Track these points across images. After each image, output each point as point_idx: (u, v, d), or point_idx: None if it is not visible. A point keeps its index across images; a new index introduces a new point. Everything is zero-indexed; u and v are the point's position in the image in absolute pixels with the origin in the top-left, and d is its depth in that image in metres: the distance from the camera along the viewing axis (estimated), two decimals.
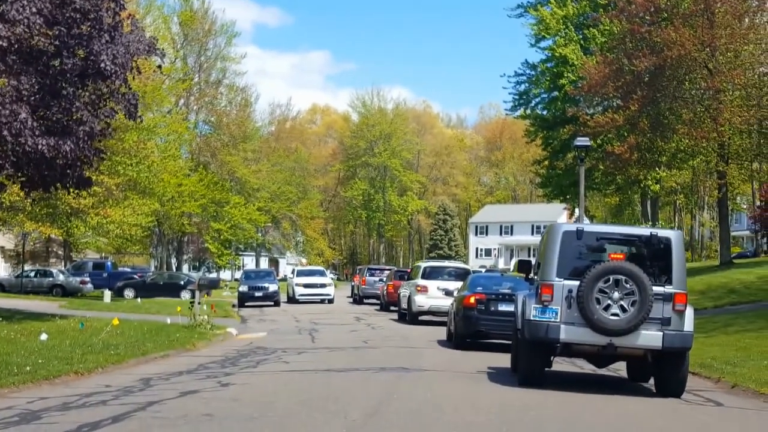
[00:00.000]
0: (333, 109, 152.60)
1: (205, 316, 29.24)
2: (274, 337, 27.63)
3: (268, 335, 29.08)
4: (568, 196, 64.83)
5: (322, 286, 51.74)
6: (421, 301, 33.46)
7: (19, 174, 27.48)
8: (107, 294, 48.43)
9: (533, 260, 17.10)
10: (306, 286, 51.45)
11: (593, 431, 10.62)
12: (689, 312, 14.00)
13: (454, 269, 36.11)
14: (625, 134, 43.04)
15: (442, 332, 27.80)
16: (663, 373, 14.39)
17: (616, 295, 13.50)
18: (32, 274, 58.84)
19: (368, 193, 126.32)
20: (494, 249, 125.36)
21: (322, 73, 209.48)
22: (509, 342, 21.07)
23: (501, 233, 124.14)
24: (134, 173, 49.44)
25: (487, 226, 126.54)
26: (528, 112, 65.68)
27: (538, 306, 13.96)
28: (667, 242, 14.13)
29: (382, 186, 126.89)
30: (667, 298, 13.69)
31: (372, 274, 53.91)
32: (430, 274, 34.87)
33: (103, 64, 26.29)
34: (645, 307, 13.41)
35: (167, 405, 11.09)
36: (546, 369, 15.20)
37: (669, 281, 13.87)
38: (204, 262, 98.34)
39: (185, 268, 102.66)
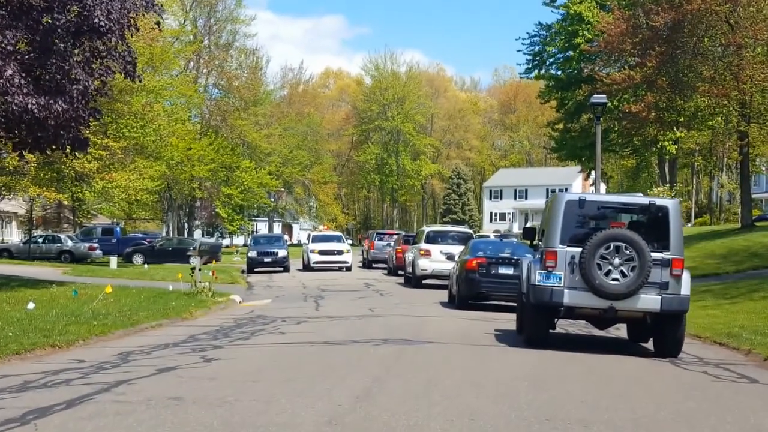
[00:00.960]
0: (346, 73, 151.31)
1: (207, 283, 28.22)
2: (277, 305, 26.70)
3: (272, 302, 28.21)
4: (582, 159, 63.38)
5: (339, 252, 48.30)
6: (425, 265, 34.30)
7: (11, 135, 26.35)
8: (113, 260, 47.52)
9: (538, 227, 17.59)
10: (321, 252, 48.37)
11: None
12: (686, 276, 14.54)
13: (457, 233, 36.80)
14: (643, 93, 41.54)
15: (445, 295, 28.38)
16: (661, 334, 15.01)
17: (616, 261, 14.17)
18: (40, 240, 57.97)
19: (381, 157, 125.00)
20: (509, 213, 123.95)
21: (336, 37, 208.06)
22: (509, 303, 23.85)
23: (515, 197, 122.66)
24: (140, 136, 48.36)
25: (501, 190, 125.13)
26: (542, 73, 64.08)
27: (542, 271, 14.65)
28: (665, 211, 14.73)
29: (396, 150, 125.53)
30: (665, 263, 14.30)
31: (381, 239, 53.06)
32: (434, 238, 35.49)
33: (96, 20, 25.07)
34: (644, 272, 14.04)
35: (136, 385, 9.96)
36: (550, 331, 15.95)
37: (667, 247, 14.44)
38: (217, 227, 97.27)
39: (197, 233, 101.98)
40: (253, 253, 49.26)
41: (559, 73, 62.28)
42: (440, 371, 11.69)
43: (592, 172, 68.45)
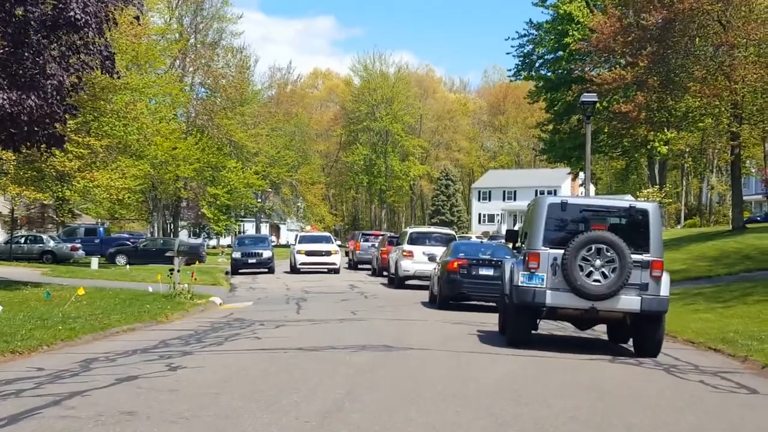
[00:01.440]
0: (335, 74, 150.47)
1: (186, 285, 27.48)
2: (258, 308, 26.01)
3: (253, 305, 27.55)
4: (572, 160, 62.71)
5: (327, 253, 46.21)
6: (407, 266, 34.78)
7: None
8: (95, 261, 46.72)
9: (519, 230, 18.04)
10: (309, 253, 46.26)
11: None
12: (665, 278, 14.92)
13: (440, 235, 37.24)
14: (633, 93, 40.88)
15: (427, 296, 28.88)
16: (641, 334, 15.33)
17: (597, 262, 14.52)
18: (22, 240, 57.10)
19: (370, 158, 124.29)
20: (497, 214, 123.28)
21: (327, 38, 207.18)
22: (488, 303, 24.72)
23: (504, 198, 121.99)
24: (123, 135, 47.46)
25: (490, 192, 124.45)
26: (532, 74, 63.36)
27: (525, 273, 14.97)
28: (644, 214, 15.11)
29: (384, 151, 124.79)
30: (645, 265, 14.68)
31: (366, 240, 52.31)
32: (416, 239, 35.92)
33: (72, 13, 24.21)
34: (624, 274, 14.39)
35: (90, 397, 9.21)
36: (533, 331, 16.21)
37: (647, 250, 14.82)
38: (203, 228, 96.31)
39: (184, 234, 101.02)
40: (237, 254, 48.44)
41: (548, 73, 61.55)
42: (419, 382, 10.95)
43: (581, 174, 67.90)
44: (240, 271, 47.12)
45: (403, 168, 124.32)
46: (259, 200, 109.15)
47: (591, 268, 14.49)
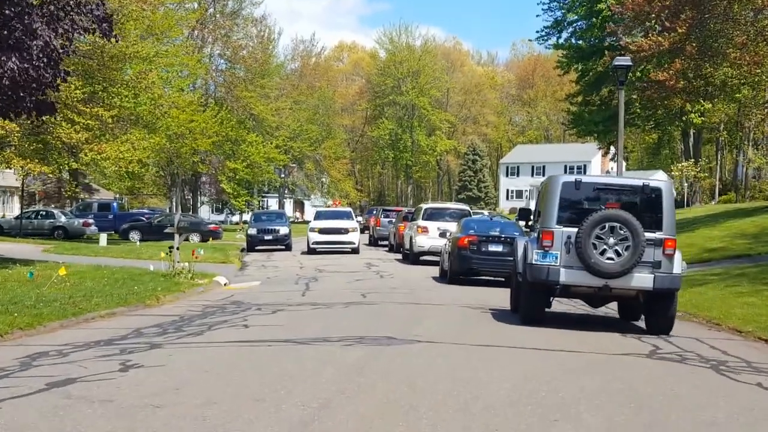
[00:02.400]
0: (360, 47, 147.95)
1: (186, 264, 25.62)
2: (264, 288, 24.27)
3: (260, 285, 25.83)
4: (601, 134, 60.30)
5: (344, 231, 41.51)
6: (422, 242, 34.52)
7: None
8: (103, 237, 45.01)
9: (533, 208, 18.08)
10: (323, 231, 41.79)
11: None
12: (678, 256, 15.00)
13: (455, 211, 36.97)
14: (668, 61, 38.48)
15: None
16: (654, 312, 15.31)
17: (611, 240, 14.56)
18: (33, 215, 55.61)
19: (395, 132, 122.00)
20: (525, 190, 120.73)
21: (354, 13, 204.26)
22: (499, 279, 25.53)
23: (533, 174, 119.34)
24: (133, 105, 45.69)
25: (518, 167, 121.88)
26: (560, 41, 60.82)
27: (539, 251, 15.02)
28: (658, 192, 15.18)
29: (410, 125, 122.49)
30: (658, 243, 14.73)
31: (387, 216, 50.23)
32: (431, 215, 35.81)
33: None
34: (638, 252, 14.43)
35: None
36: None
37: (660, 228, 14.89)
38: (226, 203, 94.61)
39: (205, 209, 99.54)
40: (252, 231, 46.51)
41: (579, 42, 58.99)
42: (417, 389, 8.93)
43: (612, 148, 65.55)
44: (256, 248, 45.23)
45: (430, 143, 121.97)
46: (283, 176, 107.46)
47: (605, 246, 14.54)
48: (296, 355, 10.98)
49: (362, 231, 64.27)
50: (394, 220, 47.56)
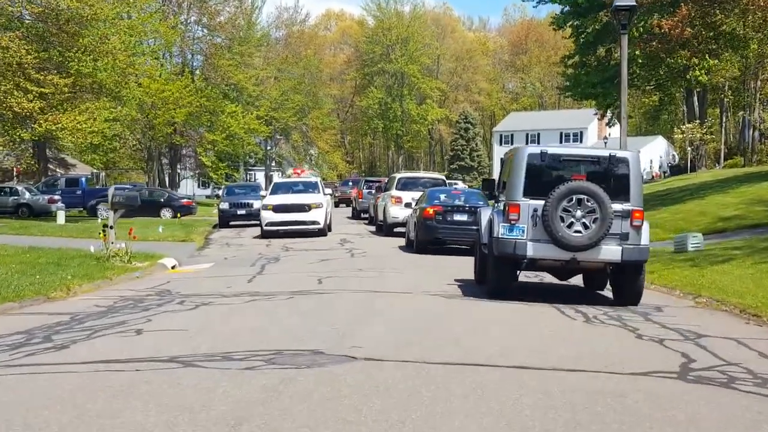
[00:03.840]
0: (348, 15, 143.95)
1: (123, 245, 22.16)
2: (212, 272, 21.12)
3: (210, 267, 22.61)
4: (599, 97, 56.61)
5: (305, 208, 33.25)
6: (396, 213, 33.17)
7: None
8: (61, 214, 41.51)
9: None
10: (278, 209, 33.29)
11: None
12: (645, 227, 14.76)
13: (430, 180, 35.92)
14: (674, 9, 34.79)
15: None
16: (622, 284, 15.16)
17: (578, 213, 14.29)
18: None
19: (385, 101, 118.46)
20: None
21: None
22: (463, 247, 25.82)
23: (527, 142, 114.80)
24: (92, 71, 41.98)
25: (512, 135, 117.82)
26: None
27: (505, 224, 14.71)
28: (625, 162, 14.87)
29: (400, 94, 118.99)
30: (625, 214, 14.50)
31: (369, 188, 46.61)
32: (405, 185, 34.56)
33: None
34: (605, 224, 14.17)
35: None
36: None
37: (627, 199, 14.63)
38: (210, 177, 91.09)
39: (188, 184, 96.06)
40: (225, 205, 42.92)
41: None
42: None
43: (608, 112, 61.99)
44: (230, 224, 41.66)
45: (420, 111, 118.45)
46: (269, 147, 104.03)
47: (572, 219, 14.27)
48: (162, 389, 7.45)
49: (347, 204, 61.02)
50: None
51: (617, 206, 14.31)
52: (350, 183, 65.54)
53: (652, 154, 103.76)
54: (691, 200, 36.14)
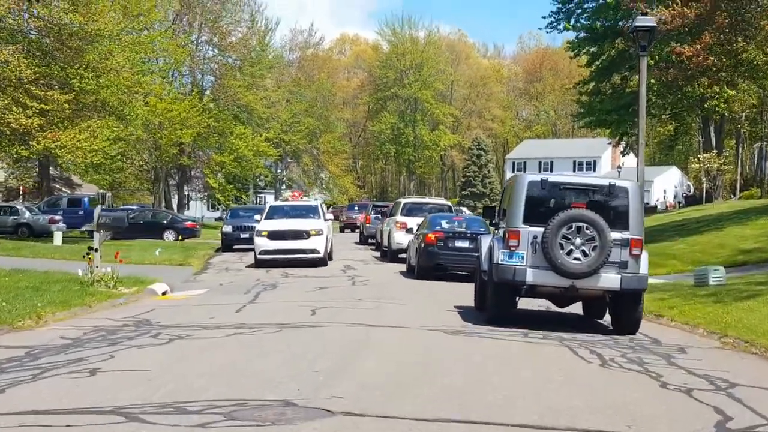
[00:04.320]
0: (363, 39, 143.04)
1: (109, 268, 20.95)
2: (204, 299, 20.05)
3: (203, 294, 21.55)
4: (613, 124, 55.26)
5: (303, 235, 30.20)
6: (400, 238, 32.42)
7: None
8: (58, 235, 40.41)
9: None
10: (274, 236, 30.36)
11: None
12: (644, 256, 14.81)
13: (435, 205, 35.41)
14: (695, 36, 33.48)
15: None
16: (620, 313, 15.19)
17: (578, 240, 14.35)
18: None
19: (397, 126, 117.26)
20: None
21: (363, 9, 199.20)
22: (464, 273, 25.26)
23: (540, 170, 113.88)
24: (94, 88, 40.86)
25: (525, 162, 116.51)
26: (572, 23, 55.65)
27: (505, 251, 14.78)
28: (624, 191, 14.98)
29: (413, 119, 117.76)
30: (625, 243, 14.57)
31: (377, 212, 45.40)
32: (410, 210, 34.22)
33: None
34: (605, 252, 14.25)
35: None
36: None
37: (626, 228, 14.71)
38: (218, 199, 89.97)
39: (198, 206, 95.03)
40: (228, 228, 41.66)
41: (590, 23, 53.79)
42: None
43: (623, 141, 60.65)
44: (234, 247, 40.37)
45: (433, 137, 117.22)
46: (279, 170, 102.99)
47: (571, 246, 14.36)
48: None
49: (352, 229, 59.69)
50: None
51: (616, 235, 14.42)
52: (356, 207, 64.42)
53: (666, 184, 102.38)
54: (708, 231, 34.83)
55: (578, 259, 14.30)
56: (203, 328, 13.75)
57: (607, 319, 16.47)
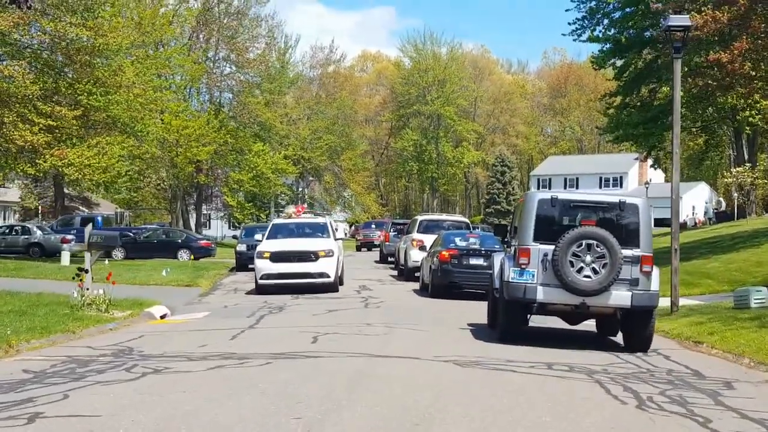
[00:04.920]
0: (385, 57, 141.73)
1: (101, 291, 19.53)
2: (202, 323, 18.80)
3: (204, 317, 20.03)
4: (642, 135, 53.47)
5: (310, 257, 26.59)
6: (416, 256, 31.27)
7: None
8: (66, 255, 39.06)
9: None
10: (277, 257, 26.65)
11: None
12: (655, 273, 14.75)
13: (453, 223, 34.80)
14: (729, 42, 31.79)
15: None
16: (632, 330, 15.18)
17: (588, 258, 14.32)
18: (6, 231, 50.09)
19: (420, 144, 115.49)
20: None
21: (386, 28, 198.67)
22: (479, 291, 24.16)
23: (565, 186, 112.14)
24: (103, 104, 39.60)
25: (550, 179, 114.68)
26: (597, 35, 53.86)
27: (516, 269, 14.78)
28: (634, 208, 14.94)
29: (436, 136, 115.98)
30: (635, 260, 14.53)
31: (396, 230, 43.91)
32: (427, 227, 33.47)
33: None
34: (615, 269, 14.25)
35: None
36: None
37: (637, 245, 14.66)
38: (237, 218, 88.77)
39: (218, 225, 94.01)
40: (242, 247, 40.29)
41: (617, 33, 52.00)
42: None
43: (652, 154, 58.91)
44: (249, 266, 38.80)
45: (456, 154, 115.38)
46: (300, 188, 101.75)
47: (582, 264, 14.34)
48: None
49: (368, 248, 58.12)
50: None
51: (627, 252, 14.38)
52: (373, 225, 62.78)
53: (695, 201, 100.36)
54: (744, 249, 33.03)
55: (588, 277, 14.28)
56: (188, 359, 12.27)
57: (620, 336, 16.20)
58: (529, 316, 15.82)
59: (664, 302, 18.58)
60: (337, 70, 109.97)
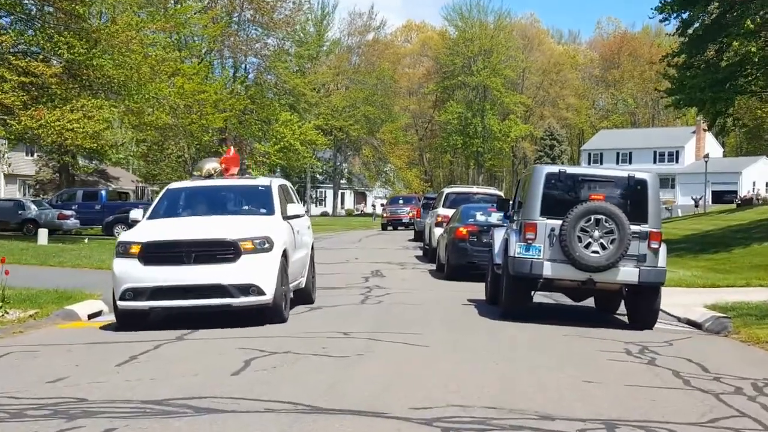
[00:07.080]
0: (430, 26, 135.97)
1: None
2: (111, 334, 13.11)
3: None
4: (708, 99, 47.75)
5: (222, 254, 13.39)
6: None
7: None
8: (43, 233, 34.31)
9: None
10: (154, 256, 13.37)
11: None
12: (663, 249, 14.59)
13: (483, 196, 30.84)
14: None
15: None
16: (638, 306, 15.02)
17: (596, 233, 14.10)
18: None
19: (465, 116, 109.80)
20: None
21: (436, 4, 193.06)
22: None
23: (618, 161, 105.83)
24: (86, 58, 34.49)
25: (601, 153, 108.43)
26: None
27: (522, 244, 14.56)
28: (643, 184, 14.72)
29: (481, 109, 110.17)
30: (643, 236, 14.32)
31: (427, 206, 39.03)
32: (455, 201, 29.89)
33: None
34: (623, 245, 14.01)
35: None
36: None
37: (645, 220, 14.47)
38: None
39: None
40: None
41: None
42: None
43: (717, 122, 53.12)
44: None
45: (503, 128, 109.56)
46: (339, 163, 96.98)
47: (590, 239, 14.04)
48: None
49: (395, 227, 52.80)
50: None
51: (635, 227, 14.15)
52: (400, 201, 57.06)
53: (756, 176, 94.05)
54: None
55: (596, 252, 14.07)
56: (12, 406, 7.03)
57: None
58: (533, 292, 15.41)
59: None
60: (377, 38, 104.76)
